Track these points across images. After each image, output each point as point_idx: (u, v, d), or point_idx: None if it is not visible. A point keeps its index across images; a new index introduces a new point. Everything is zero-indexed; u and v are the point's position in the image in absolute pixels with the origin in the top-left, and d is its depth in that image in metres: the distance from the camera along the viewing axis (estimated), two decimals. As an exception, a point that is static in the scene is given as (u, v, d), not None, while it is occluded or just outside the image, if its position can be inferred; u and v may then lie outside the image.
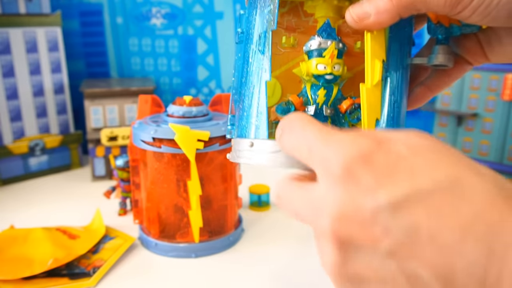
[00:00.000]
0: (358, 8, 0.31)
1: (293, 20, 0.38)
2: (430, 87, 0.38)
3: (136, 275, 0.54)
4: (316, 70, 0.33)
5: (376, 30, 0.31)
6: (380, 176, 0.22)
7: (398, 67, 0.33)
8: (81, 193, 0.79)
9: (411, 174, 0.21)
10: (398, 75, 0.33)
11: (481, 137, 0.77)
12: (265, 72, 0.33)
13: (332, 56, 0.33)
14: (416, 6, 0.29)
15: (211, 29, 0.97)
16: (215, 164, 0.58)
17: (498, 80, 0.73)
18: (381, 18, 0.30)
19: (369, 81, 0.31)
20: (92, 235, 0.60)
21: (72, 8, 0.97)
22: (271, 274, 0.54)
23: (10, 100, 0.82)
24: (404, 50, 0.34)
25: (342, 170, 0.22)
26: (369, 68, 0.31)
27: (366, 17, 0.30)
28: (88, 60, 1.00)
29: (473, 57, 0.36)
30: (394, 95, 0.33)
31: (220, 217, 0.60)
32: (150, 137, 0.55)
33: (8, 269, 0.52)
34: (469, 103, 0.77)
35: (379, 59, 0.31)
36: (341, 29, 0.37)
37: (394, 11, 0.29)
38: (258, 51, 0.34)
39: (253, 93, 0.33)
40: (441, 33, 0.34)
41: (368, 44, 0.31)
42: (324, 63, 0.33)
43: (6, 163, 0.83)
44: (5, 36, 0.80)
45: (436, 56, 0.33)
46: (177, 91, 1.01)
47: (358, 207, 0.22)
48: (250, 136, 0.33)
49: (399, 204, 0.21)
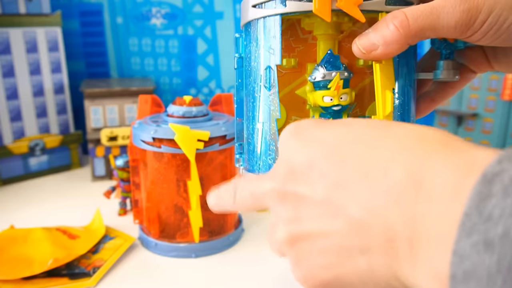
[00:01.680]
0: (365, 40, 0.29)
1: (291, 38, 0.37)
2: (433, 99, 0.37)
3: (136, 275, 0.54)
4: (323, 103, 0.32)
5: (385, 60, 0.30)
6: (303, 140, 0.24)
7: (405, 85, 0.32)
8: (81, 193, 0.79)
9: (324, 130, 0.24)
10: (407, 95, 0.32)
11: (481, 137, 0.77)
12: (274, 110, 0.32)
13: (337, 88, 0.32)
14: (425, 34, 0.28)
15: (211, 29, 0.97)
16: (215, 164, 0.58)
17: (498, 80, 0.73)
18: (389, 48, 0.29)
19: (380, 113, 0.31)
20: (92, 235, 0.60)
21: (72, 8, 0.97)
22: (271, 274, 0.54)
23: (10, 100, 0.82)
24: (410, 65, 0.33)
25: (281, 138, 0.26)
26: (380, 100, 0.30)
27: (374, 48, 0.29)
28: (88, 60, 1.00)
29: (478, 66, 0.36)
30: (404, 118, 0.32)
31: (220, 217, 0.60)
32: (150, 137, 0.55)
33: (8, 269, 0.52)
34: (469, 103, 0.77)
35: (389, 90, 0.31)
36: (342, 46, 0.36)
37: (402, 41, 0.28)
38: (264, 87, 0.33)
39: (263, 129, 0.33)
40: (445, 48, 0.33)
41: (377, 76, 0.30)
42: (330, 95, 0.32)
43: (6, 163, 0.83)
44: (5, 36, 0.80)
45: (442, 72, 0.33)
46: (177, 91, 1.01)
47: (289, 163, 0.24)
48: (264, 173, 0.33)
49: (330, 149, 0.23)
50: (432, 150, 0.20)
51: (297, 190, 0.23)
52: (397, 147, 0.21)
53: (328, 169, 0.22)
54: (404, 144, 0.21)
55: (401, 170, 0.20)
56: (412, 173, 0.19)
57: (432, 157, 0.19)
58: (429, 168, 0.19)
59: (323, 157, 0.23)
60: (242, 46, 0.36)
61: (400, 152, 0.20)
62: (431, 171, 0.19)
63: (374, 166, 0.21)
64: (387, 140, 0.22)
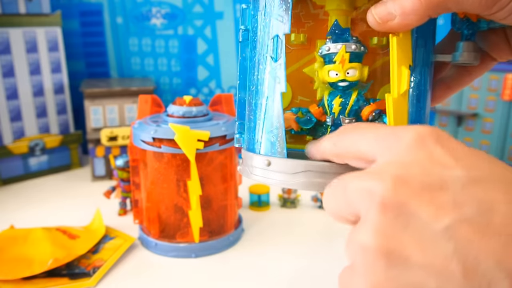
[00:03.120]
0: (382, 8, 0.27)
1: (301, 13, 0.34)
2: (449, 85, 0.35)
3: (136, 275, 0.54)
4: (328, 78, 0.30)
5: (403, 32, 0.28)
6: (455, 154, 0.20)
7: (423, 66, 0.30)
8: (81, 193, 0.79)
9: (486, 160, 0.20)
10: (423, 76, 0.30)
11: (481, 137, 0.77)
12: (280, 83, 0.29)
13: (342, 61, 0.29)
14: (447, 5, 0.26)
15: (211, 29, 0.97)
16: (215, 164, 0.58)
17: (498, 80, 0.73)
18: (407, 19, 0.26)
19: (395, 90, 0.28)
20: (92, 235, 0.60)
21: (72, 8, 0.97)
22: (271, 274, 0.54)
23: (10, 100, 0.82)
24: (428, 46, 0.30)
25: (414, 139, 0.21)
26: (395, 76, 0.28)
27: (391, 18, 0.26)
28: (88, 60, 1.00)
29: (498, 53, 0.33)
30: (420, 101, 0.30)
31: (220, 217, 0.60)
32: (150, 137, 0.55)
33: (8, 269, 0.52)
34: (469, 103, 0.77)
35: (405, 66, 0.28)
36: (355, 23, 0.33)
37: (422, 12, 0.26)
38: (270, 58, 0.30)
39: (267, 104, 0.30)
40: (467, 28, 0.30)
41: (394, 50, 0.28)
42: (335, 69, 0.30)
43: (6, 163, 0.83)
44: (5, 36, 0.80)
45: (461, 54, 0.30)
46: (177, 91, 1.01)
47: (425, 171, 0.19)
48: (264, 153, 0.30)
49: (476, 179, 0.18)
50: None
51: (412, 205, 0.19)
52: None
53: (469, 202, 0.18)
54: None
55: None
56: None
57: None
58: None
59: (463, 185, 0.19)
60: (249, 18, 0.33)
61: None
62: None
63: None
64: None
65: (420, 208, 0.19)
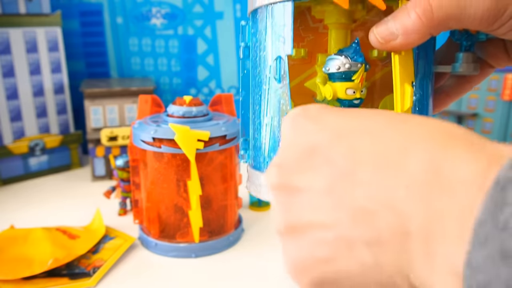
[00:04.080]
0: (383, 28, 0.27)
1: (301, 27, 0.35)
2: (449, 94, 0.35)
3: (136, 275, 0.54)
4: (344, 95, 0.30)
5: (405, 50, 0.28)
6: (321, 120, 0.22)
7: (424, 78, 0.30)
8: (81, 193, 0.79)
9: (358, 117, 0.22)
10: (425, 87, 0.30)
11: (481, 137, 0.77)
12: (285, 105, 0.30)
13: (362, 80, 0.29)
14: (449, 24, 0.26)
15: (211, 29, 0.97)
16: (215, 164, 0.58)
17: (498, 80, 0.73)
18: (409, 39, 0.26)
19: (399, 107, 0.28)
20: (92, 235, 0.60)
21: (72, 8, 0.97)
22: (271, 274, 0.54)
23: (10, 100, 0.82)
24: (429, 57, 0.31)
25: (289, 124, 0.24)
26: (399, 94, 0.28)
27: (393, 38, 0.27)
28: (88, 60, 1.00)
29: (497, 61, 0.34)
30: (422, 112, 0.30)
31: (220, 217, 0.60)
32: (150, 137, 0.55)
33: (8, 269, 0.52)
34: (469, 103, 0.77)
35: (408, 83, 0.28)
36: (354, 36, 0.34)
37: (424, 31, 0.26)
38: (274, 78, 0.30)
39: (272, 125, 0.31)
40: (466, 40, 0.31)
41: (396, 68, 0.28)
42: (353, 88, 0.29)
43: (6, 163, 0.83)
44: (5, 36, 0.80)
45: (461, 65, 0.30)
46: (177, 91, 1.01)
47: (297, 146, 0.22)
48: None
49: (341, 134, 0.21)
50: (453, 143, 0.18)
51: (298, 178, 0.22)
52: (418, 136, 0.19)
53: (335, 156, 0.21)
54: (425, 134, 0.19)
55: (421, 159, 0.18)
56: (433, 164, 0.18)
57: (454, 149, 0.18)
58: (451, 160, 0.18)
59: (330, 142, 0.21)
60: (248, 35, 0.33)
61: (420, 141, 0.19)
62: (453, 164, 0.18)
63: (390, 155, 0.19)
64: (405, 130, 0.20)
65: (300, 179, 0.22)
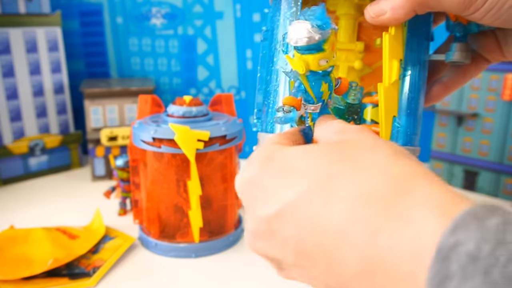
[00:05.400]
0: (375, 6, 0.32)
1: None
2: (446, 85, 0.39)
3: (136, 275, 0.54)
4: (318, 67, 0.28)
5: (395, 30, 0.32)
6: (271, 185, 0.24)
7: (416, 63, 0.34)
8: (81, 193, 0.79)
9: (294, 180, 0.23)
10: (416, 71, 0.34)
11: (481, 137, 0.77)
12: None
13: (333, 47, 0.28)
14: (430, 4, 0.30)
15: (211, 29, 0.97)
16: (215, 164, 0.58)
17: (498, 80, 0.73)
18: (396, 14, 0.31)
19: (386, 80, 0.32)
20: (92, 235, 0.60)
21: (72, 8, 0.97)
22: (271, 274, 0.54)
23: (10, 100, 0.82)
24: (422, 46, 0.34)
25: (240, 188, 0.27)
26: (387, 67, 0.32)
27: (382, 13, 0.32)
28: (88, 60, 1.00)
29: (490, 54, 0.37)
30: (411, 92, 0.34)
31: (220, 217, 0.60)
32: (150, 137, 0.55)
33: (8, 269, 0.52)
34: (469, 103, 0.77)
35: (396, 59, 0.32)
36: (362, 26, 0.38)
37: (408, 7, 0.30)
38: (281, 51, 0.35)
39: (278, 91, 0.35)
40: (459, 30, 0.34)
41: (386, 45, 0.32)
42: (326, 57, 0.28)
43: (6, 163, 0.83)
44: (5, 36, 0.80)
45: (454, 53, 0.34)
46: (177, 91, 1.01)
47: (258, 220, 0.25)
48: (276, 132, 0.35)
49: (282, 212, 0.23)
50: (396, 211, 0.19)
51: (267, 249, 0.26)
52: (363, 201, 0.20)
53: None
54: (372, 197, 0.20)
55: (357, 251, 0.19)
56: (370, 252, 0.19)
57: (394, 220, 0.18)
58: (389, 236, 0.18)
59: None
60: (269, 20, 0.38)
61: (364, 209, 0.20)
62: (391, 242, 0.18)
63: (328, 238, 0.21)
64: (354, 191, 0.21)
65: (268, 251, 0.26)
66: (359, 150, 0.23)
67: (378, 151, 0.22)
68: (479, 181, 0.79)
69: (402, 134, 0.33)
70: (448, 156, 0.81)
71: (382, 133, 0.33)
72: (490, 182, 0.77)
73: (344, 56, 0.38)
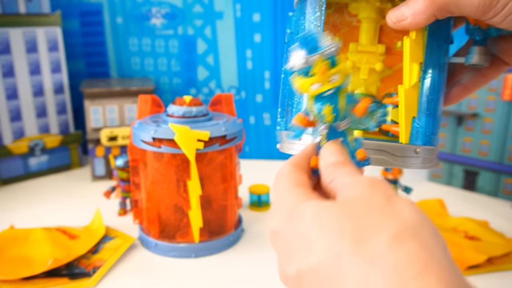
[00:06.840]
0: (397, 11, 0.33)
1: (338, 21, 0.39)
2: (466, 86, 0.39)
3: (136, 275, 0.54)
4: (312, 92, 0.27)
5: (415, 34, 0.33)
6: (288, 249, 0.25)
7: (435, 66, 0.35)
8: (81, 193, 0.79)
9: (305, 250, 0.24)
10: (435, 74, 0.35)
11: (481, 137, 0.77)
12: None
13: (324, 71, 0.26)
14: (450, 9, 0.31)
15: (211, 29, 0.97)
16: (215, 164, 0.58)
17: (498, 80, 0.73)
18: (417, 19, 0.32)
19: (406, 83, 0.33)
20: (92, 235, 0.60)
21: (72, 8, 0.97)
22: (271, 274, 0.54)
23: (10, 100, 0.82)
24: (442, 49, 0.35)
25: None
26: (407, 70, 0.33)
27: (404, 18, 0.33)
28: (88, 60, 1.00)
29: (509, 57, 0.37)
30: (431, 93, 0.34)
31: (220, 217, 0.60)
32: (150, 137, 0.55)
33: (8, 269, 0.52)
34: (469, 103, 0.77)
35: (416, 62, 0.33)
36: (384, 29, 0.39)
37: (429, 13, 0.31)
38: None
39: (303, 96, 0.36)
40: (478, 34, 0.35)
41: (406, 48, 0.33)
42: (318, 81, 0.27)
43: (6, 163, 0.83)
44: (5, 36, 0.80)
45: (473, 56, 0.35)
46: (177, 91, 1.01)
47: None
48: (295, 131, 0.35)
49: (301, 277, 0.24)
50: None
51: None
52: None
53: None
54: None
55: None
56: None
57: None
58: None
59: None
60: (293, 23, 0.40)
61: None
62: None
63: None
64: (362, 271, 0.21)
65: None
66: (366, 224, 0.22)
67: (384, 229, 0.22)
68: (479, 181, 0.79)
69: (421, 134, 0.34)
70: (448, 156, 0.81)
71: (402, 133, 0.34)
72: (490, 182, 0.77)
73: (365, 58, 0.38)
